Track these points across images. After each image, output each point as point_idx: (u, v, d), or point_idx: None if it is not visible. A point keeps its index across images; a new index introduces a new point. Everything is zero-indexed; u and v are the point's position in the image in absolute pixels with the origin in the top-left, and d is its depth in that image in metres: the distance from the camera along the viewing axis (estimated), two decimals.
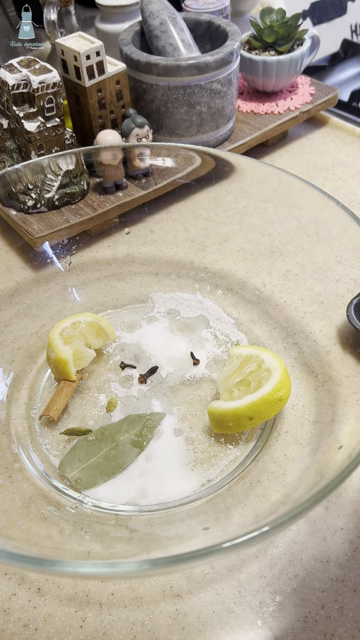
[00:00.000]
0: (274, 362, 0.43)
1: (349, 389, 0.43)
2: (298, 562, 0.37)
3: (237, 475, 0.41)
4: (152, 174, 0.62)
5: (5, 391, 0.47)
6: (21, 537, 0.36)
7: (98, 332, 0.50)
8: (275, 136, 0.73)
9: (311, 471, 0.37)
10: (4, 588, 0.36)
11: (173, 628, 0.34)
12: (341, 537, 0.38)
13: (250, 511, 0.37)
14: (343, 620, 0.34)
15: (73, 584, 0.36)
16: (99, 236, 0.60)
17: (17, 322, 0.52)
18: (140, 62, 0.62)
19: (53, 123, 0.60)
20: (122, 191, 0.61)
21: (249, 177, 0.55)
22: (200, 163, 0.57)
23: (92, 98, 0.62)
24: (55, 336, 0.47)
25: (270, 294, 0.53)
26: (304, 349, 0.48)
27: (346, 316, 0.46)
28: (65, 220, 0.59)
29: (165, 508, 0.40)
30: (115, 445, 0.43)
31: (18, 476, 0.41)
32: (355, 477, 0.41)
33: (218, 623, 0.35)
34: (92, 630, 0.34)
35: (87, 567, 0.29)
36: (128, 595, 0.36)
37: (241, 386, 0.43)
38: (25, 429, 0.45)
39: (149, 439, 0.43)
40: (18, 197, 0.59)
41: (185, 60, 0.61)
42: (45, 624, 0.35)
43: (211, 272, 0.56)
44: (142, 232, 0.60)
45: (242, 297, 0.54)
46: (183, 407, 0.46)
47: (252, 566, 0.37)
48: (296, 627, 0.34)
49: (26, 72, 0.57)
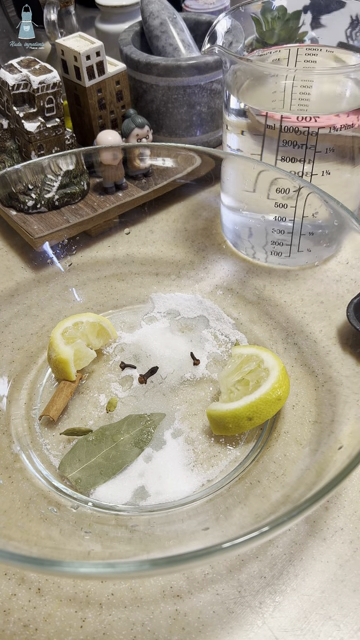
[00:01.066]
0: (273, 362, 0.43)
1: (349, 389, 0.43)
2: (298, 562, 0.37)
3: (237, 475, 0.41)
4: (152, 174, 0.62)
5: (5, 391, 0.47)
6: (21, 537, 0.36)
7: (100, 332, 0.50)
8: None
9: (311, 471, 0.37)
10: (4, 588, 0.36)
11: (173, 628, 0.34)
12: (341, 537, 0.38)
13: (250, 511, 0.37)
14: (343, 620, 0.34)
15: (73, 584, 0.36)
16: (99, 236, 0.60)
17: (17, 322, 0.52)
18: (140, 62, 0.62)
19: (53, 123, 0.60)
20: (122, 191, 0.61)
21: None
22: (200, 163, 0.57)
23: (92, 98, 0.62)
24: (57, 336, 0.47)
25: (270, 294, 0.53)
26: (304, 349, 0.48)
27: (346, 316, 0.46)
28: (65, 220, 0.59)
29: (165, 508, 0.40)
30: (115, 445, 0.43)
31: (18, 476, 0.41)
32: (355, 477, 0.41)
33: (218, 623, 0.35)
34: (92, 630, 0.35)
35: (87, 567, 0.29)
36: (128, 595, 0.36)
37: (240, 385, 0.43)
38: (25, 429, 0.45)
39: (149, 439, 0.43)
40: (18, 197, 0.59)
41: (185, 60, 0.61)
42: (45, 624, 0.35)
43: (211, 272, 0.56)
44: (142, 232, 0.60)
45: (242, 297, 0.54)
46: (183, 407, 0.46)
47: (252, 566, 0.37)
48: (296, 627, 0.34)
49: (26, 72, 0.58)
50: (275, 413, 0.42)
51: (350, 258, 0.48)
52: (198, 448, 0.43)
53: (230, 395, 0.43)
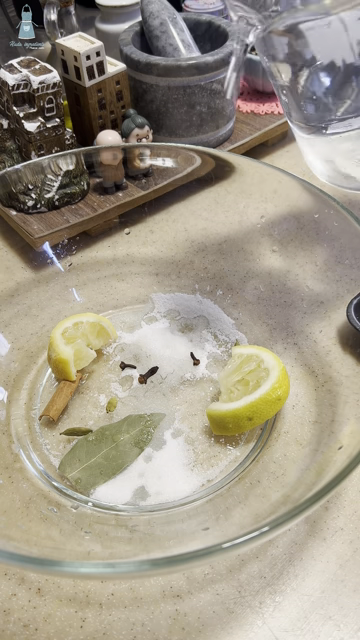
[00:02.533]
0: (273, 362, 0.43)
1: (349, 389, 0.43)
2: (298, 562, 0.37)
3: (237, 475, 0.41)
4: (152, 174, 0.62)
5: (5, 391, 0.47)
6: (21, 537, 0.36)
7: (100, 332, 0.50)
8: (275, 136, 0.73)
9: (311, 471, 0.37)
10: (4, 588, 0.36)
11: (173, 628, 0.34)
12: (341, 537, 0.38)
13: (250, 511, 0.37)
14: (343, 620, 0.34)
15: (73, 584, 0.36)
16: (99, 236, 0.60)
17: (17, 322, 0.52)
18: (140, 62, 0.62)
19: (53, 123, 0.60)
20: (122, 191, 0.61)
21: (249, 177, 0.55)
22: (200, 163, 0.57)
23: (92, 98, 0.62)
24: (57, 336, 0.47)
25: (270, 294, 0.53)
26: (304, 349, 0.48)
27: (346, 316, 0.46)
28: (65, 220, 0.59)
29: (165, 508, 0.40)
30: (115, 445, 0.43)
31: (18, 476, 0.41)
32: (355, 477, 0.41)
33: (218, 623, 0.35)
34: (92, 630, 0.35)
35: (87, 567, 0.29)
36: (128, 595, 0.36)
37: (240, 385, 0.43)
38: (25, 429, 0.45)
39: (149, 440, 0.43)
40: (18, 197, 0.59)
41: (185, 60, 0.61)
42: (45, 624, 0.35)
43: (211, 272, 0.56)
44: (142, 232, 0.60)
45: (242, 297, 0.54)
46: (183, 407, 0.46)
47: (252, 566, 0.37)
48: (296, 627, 0.34)
49: (26, 72, 0.58)
50: (275, 413, 0.42)
51: (350, 258, 0.48)
52: (198, 448, 0.43)
53: (230, 395, 0.43)
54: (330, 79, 0.46)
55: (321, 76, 0.47)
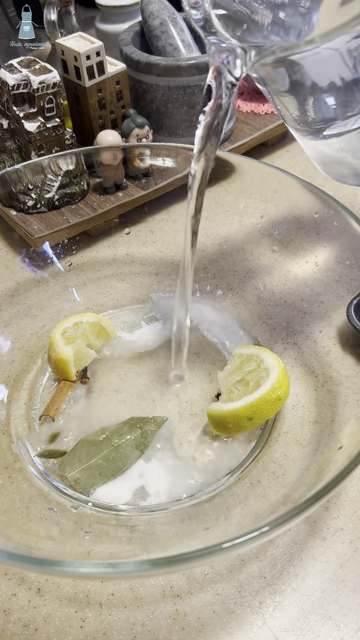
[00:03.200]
0: (273, 362, 0.43)
1: (349, 389, 0.43)
2: (298, 562, 0.37)
3: (237, 475, 0.41)
4: (152, 174, 0.62)
5: (5, 391, 0.47)
6: (21, 537, 0.36)
7: (100, 332, 0.50)
8: (275, 136, 0.73)
9: (311, 471, 0.37)
10: (4, 588, 0.36)
11: (173, 628, 0.34)
12: (341, 537, 0.38)
13: (250, 511, 0.37)
14: (343, 620, 0.34)
15: (73, 584, 0.36)
16: (99, 236, 0.60)
17: (17, 322, 0.52)
18: (140, 62, 0.62)
19: (53, 123, 0.60)
20: (122, 191, 0.61)
21: (249, 177, 0.55)
22: None
23: (92, 98, 0.62)
24: (57, 336, 0.47)
25: (270, 294, 0.53)
26: (304, 349, 0.48)
27: (346, 316, 0.46)
28: (65, 220, 0.59)
29: (165, 508, 0.40)
30: (115, 447, 0.43)
31: (18, 476, 0.41)
32: (355, 477, 0.41)
33: (218, 623, 0.35)
34: (92, 630, 0.35)
35: (87, 567, 0.29)
36: (128, 595, 0.36)
37: (240, 385, 0.43)
38: (25, 429, 0.45)
39: (150, 442, 0.43)
40: (18, 197, 0.59)
41: (185, 60, 0.61)
42: (45, 624, 0.35)
43: (211, 272, 0.56)
44: (142, 232, 0.60)
45: (242, 297, 0.54)
46: (183, 407, 0.46)
47: (252, 566, 0.37)
48: (296, 627, 0.34)
49: (26, 72, 0.58)
50: (275, 413, 0.42)
51: (350, 258, 0.48)
52: (198, 448, 0.43)
53: (230, 395, 0.43)
54: (332, 98, 0.46)
55: (324, 97, 0.46)
